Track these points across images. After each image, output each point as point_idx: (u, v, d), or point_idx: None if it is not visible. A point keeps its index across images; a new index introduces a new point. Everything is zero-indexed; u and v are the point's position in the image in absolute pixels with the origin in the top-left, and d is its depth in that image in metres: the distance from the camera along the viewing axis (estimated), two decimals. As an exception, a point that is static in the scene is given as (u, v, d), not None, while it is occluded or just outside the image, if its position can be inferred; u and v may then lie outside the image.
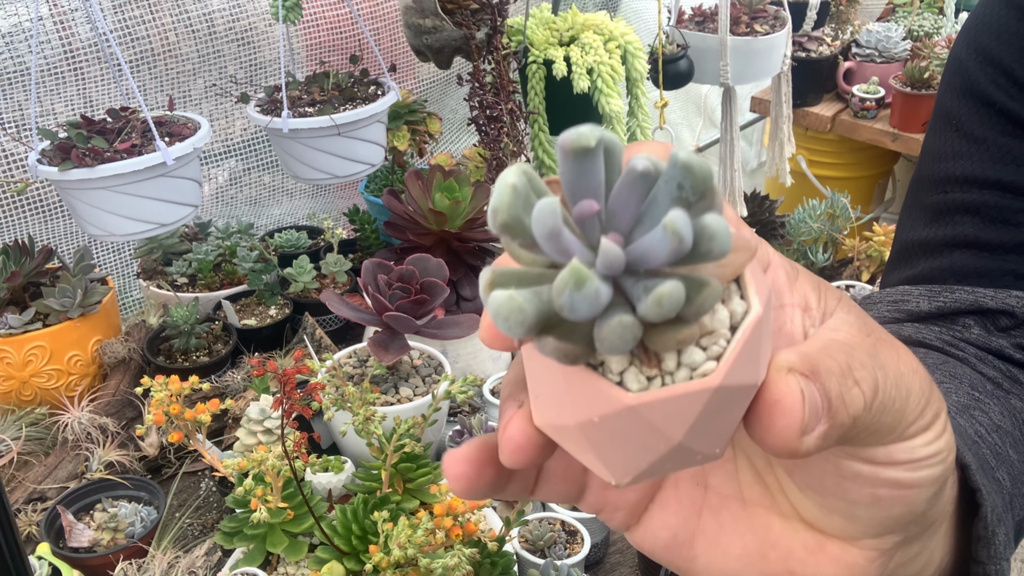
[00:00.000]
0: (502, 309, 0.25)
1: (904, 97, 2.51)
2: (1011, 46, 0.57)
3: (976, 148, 0.58)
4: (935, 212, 0.60)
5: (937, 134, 0.62)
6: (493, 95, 1.62)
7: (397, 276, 1.17)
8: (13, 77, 1.55)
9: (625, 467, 0.29)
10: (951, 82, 0.61)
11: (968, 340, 0.56)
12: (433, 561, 0.81)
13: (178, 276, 1.59)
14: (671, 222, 0.24)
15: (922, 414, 0.30)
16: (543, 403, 0.29)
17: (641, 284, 0.25)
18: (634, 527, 0.37)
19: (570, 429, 0.28)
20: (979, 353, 0.55)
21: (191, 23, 1.69)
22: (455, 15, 1.60)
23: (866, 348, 0.29)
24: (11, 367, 1.29)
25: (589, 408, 0.27)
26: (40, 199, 1.63)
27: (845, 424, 0.28)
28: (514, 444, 0.30)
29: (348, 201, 2.02)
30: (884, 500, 0.31)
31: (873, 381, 0.28)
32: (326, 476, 1.07)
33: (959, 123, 0.60)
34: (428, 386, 1.18)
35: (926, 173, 0.62)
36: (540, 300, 0.25)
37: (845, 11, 2.68)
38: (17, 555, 0.55)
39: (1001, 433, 0.50)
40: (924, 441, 0.31)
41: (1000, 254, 0.57)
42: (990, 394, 0.53)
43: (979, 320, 0.56)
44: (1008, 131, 0.57)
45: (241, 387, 1.32)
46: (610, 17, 1.79)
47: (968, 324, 0.56)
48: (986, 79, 0.58)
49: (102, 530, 1.10)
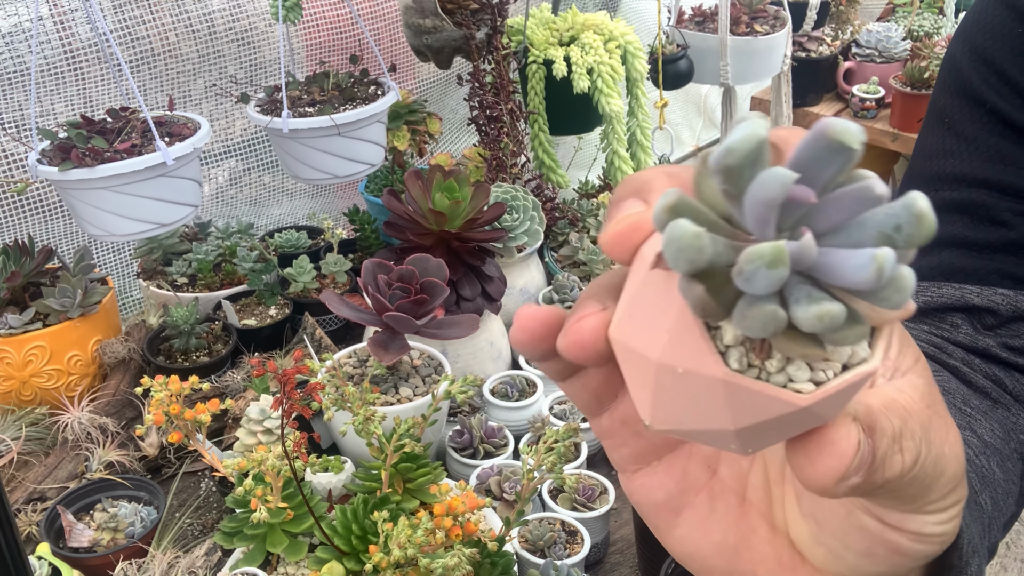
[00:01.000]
0: (684, 240, 0.24)
1: (904, 97, 2.51)
2: (1004, 46, 0.57)
3: (967, 147, 0.59)
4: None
5: (930, 132, 0.62)
6: (493, 95, 1.62)
7: (397, 276, 1.17)
8: (13, 77, 1.55)
9: (668, 417, 0.29)
10: (945, 81, 0.62)
11: (956, 342, 0.57)
12: (433, 561, 0.81)
13: (178, 276, 1.59)
14: (882, 258, 0.24)
15: (945, 497, 0.31)
16: (633, 323, 0.29)
17: (807, 289, 0.25)
18: (632, 473, 0.37)
19: (645, 360, 0.28)
20: (967, 357, 0.56)
21: (191, 23, 1.69)
22: (455, 15, 1.60)
23: (921, 419, 0.30)
24: (11, 367, 1.29)
25: (681, 357, 0.27)
26: (40, 199, 1.63)
27: (877, 484, 0.29)
28: (579, 339, 0.30)
29: (348, 201, 2.02)
30: (877, 557, 0.32)
31: (916, 454, 0.29)
32: (326, 476, 1.07)
33: (951, 122, 0.60)
34: (428, 386, 1.18)
35: (918, 170, 0.63)
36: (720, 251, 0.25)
37: (845, 11, 2.68)
38: (17, 555, 0.55)
39: (989, 452, 0.50)
40: (936, 520, 0.32)
41: (988, 253, 0.57)
42: (980, 409, 0.54)
43: (966, 318, 0.57)
44: (998, 131, 0.57)
45: (241, 387, 1.32)
46: (610, 17, 1.79)
47: (956, 323, 0.57)
48: (979, 78, 0.58)
49: (102, 530, 1.10)
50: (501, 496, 1.09)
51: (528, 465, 0.92)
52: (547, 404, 1.28)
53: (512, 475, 1.11)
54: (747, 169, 0.25)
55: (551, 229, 1.72)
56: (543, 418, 1.22)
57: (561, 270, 1.62)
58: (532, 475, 0.92)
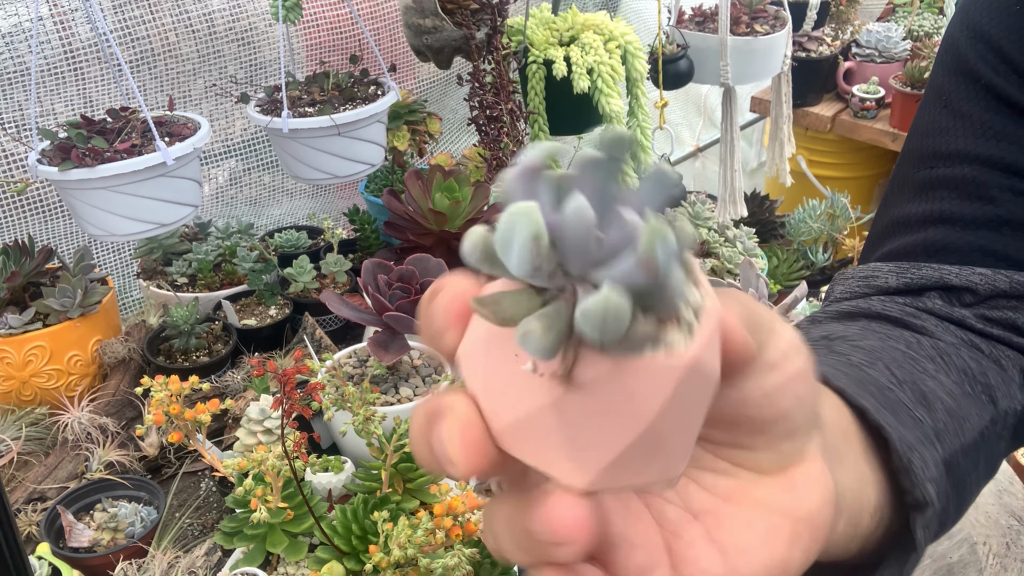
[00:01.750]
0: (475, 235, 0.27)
1: (904, 97, 2.51)
2: (1001, 22, 0.58)
3: (961, 123, 0.59)
4: (918, 188, 0.61)
5: (926, 110, 0.63)
6: (493, 95, 1.62)
7: (397, 276, 1.17)
8: (13, 77, 1.55)
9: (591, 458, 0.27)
10: (943, 59, 0.62)
11: (929, 310, 0.57)
12: (433, 561, 0.81)
13: (178, 276, 1.59)
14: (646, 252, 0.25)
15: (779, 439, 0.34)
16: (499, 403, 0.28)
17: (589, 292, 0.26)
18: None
19: (531, 419, 0.27)
20: (939, 323, 0.56)
21: (191, 23, 1.69)
22: (455, 15, 1.60)
23: None
24: (11, 367, 1.29)
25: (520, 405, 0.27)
26: (40, 199, 1.63)
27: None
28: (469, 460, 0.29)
29: (348, 201, 2.02)
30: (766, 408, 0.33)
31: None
32: (326, 476, 1.07)
33: (947, 99, 0.61)
34: (428, 386, 1.18)
35: (913, 149, 0.63)
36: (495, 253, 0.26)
37: (845, 11, 2.68)
38: (17, 555, 0.55)
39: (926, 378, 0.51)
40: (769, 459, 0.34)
41: (971, 229, 0.58)
42: (932, 354, 0.54)
43: (943, 295, 0.58)
44: (993, 107, 0.58)
45: (241, 387, 1.32)
46: (610, 17, 1.79)
47: (931, 296, 0.58)
48: (975, 55, 0.59)
49: (102, 530, 1.10)
50: (501, 496, 1.09)
51: (528, 465, 0.92)
52: (547, 404, 1.28)
53: (512, 475, 1.11)
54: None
55: (551, 229, 1.72)
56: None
57: (561, 270, 1.62)
58: (532, 475, 0.91)
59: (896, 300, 0.58)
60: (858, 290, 0.61)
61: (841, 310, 0.60)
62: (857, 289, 0.61)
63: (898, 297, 0.59)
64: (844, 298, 0.62)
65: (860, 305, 0.59)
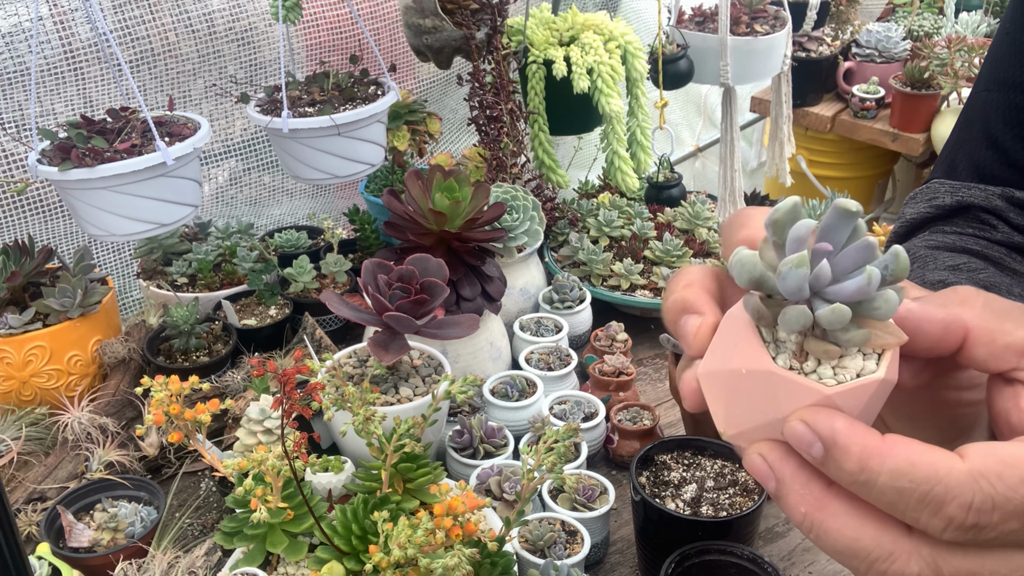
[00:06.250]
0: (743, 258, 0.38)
1: (904, 97, 2.51)
2: None
3: (1014, 51, 0.69)
4: (970, 111, 0.74)
5: (994, 43, 0.73)
6: (493, 95, 1.62)
7: (397, 276, 1.17)
8: (13, 77, 1.55)
9: (737, 421, 0.40)
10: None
11: (996, 240, 0.69)
12: (433, 561, 0.81)
13: (178, 276, 1.59)
14: (871, 271, 0.36)
15: None
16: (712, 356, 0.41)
17: (826, 304, 0.37)
18: None
19: (718, 375, 0.40)
20: (1010, 253, 0.69)
21: (191, 23, 1.69)
22: (455, 15, 1.60)
23: None
24: (11, 367, 1.29)
25: (744, 360, 0.39)
26: (40, 199, 1.63)
27: None
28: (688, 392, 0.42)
29: (348, 201, 2.02)
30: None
31: None
32: (326, 476, 1.07)
33: (1008, 29, 0.71)
34: (428, 386, 1.18)
35: (983, 74, 0.73)
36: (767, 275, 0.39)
37: (845, 11, 2.68)
38: (17, 555, 0.55)
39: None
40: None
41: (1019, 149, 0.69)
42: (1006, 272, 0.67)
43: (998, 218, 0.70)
44: None
45: (241, 387, 1.32)
46: (610, 17, 1.79)
47: (992, 223, 0.70)
48: None
49: (102, 530, 1.10)
50: (501, 496, 1.09)
51: (528, 465, 0.92)
52: (547, 404, 1.28)
53: (512, 475, 1.11)
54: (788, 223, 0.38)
55: (551, 229, 1.72)
56: (543, 418, 1.22)
57: (561, 270, 1.62)
58: (532, 475, 0.92)
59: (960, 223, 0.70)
60: (924, 211, 0.74)
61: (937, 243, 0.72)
62: (924, 210, 0.74)
63: (960, 220, 0.71)
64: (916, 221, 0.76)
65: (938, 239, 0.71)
